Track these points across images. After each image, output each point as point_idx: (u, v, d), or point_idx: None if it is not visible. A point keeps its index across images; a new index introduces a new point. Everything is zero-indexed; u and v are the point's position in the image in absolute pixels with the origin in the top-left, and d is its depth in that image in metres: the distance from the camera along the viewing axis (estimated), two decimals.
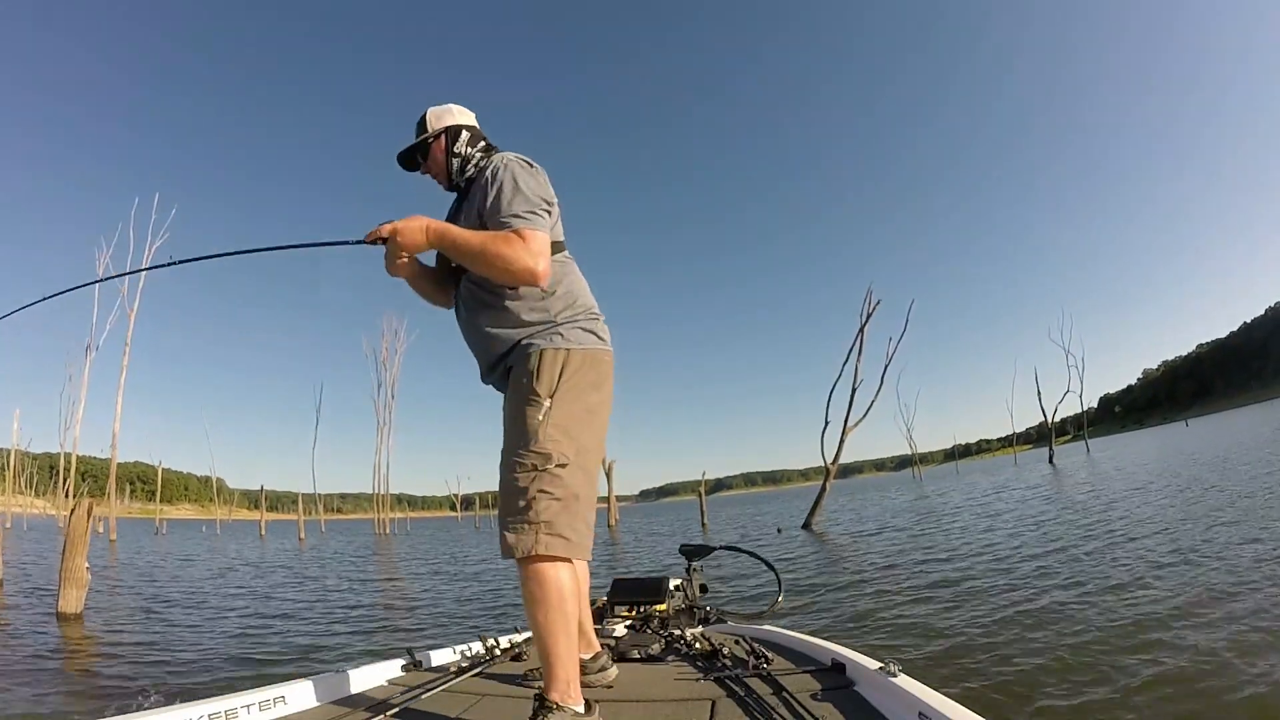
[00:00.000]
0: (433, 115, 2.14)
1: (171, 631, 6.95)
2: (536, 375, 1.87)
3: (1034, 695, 3.47)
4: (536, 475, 1.77)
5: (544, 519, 1.74)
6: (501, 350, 1.97)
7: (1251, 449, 22.12)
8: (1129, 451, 39.53)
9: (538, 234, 1.86)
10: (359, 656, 5.38)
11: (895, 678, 1.72)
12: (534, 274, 1.83)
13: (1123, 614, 4.76)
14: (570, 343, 1.93)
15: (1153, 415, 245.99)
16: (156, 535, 42.51)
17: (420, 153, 2.15)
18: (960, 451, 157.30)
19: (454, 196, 2.19)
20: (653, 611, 3.29)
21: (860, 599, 6.55)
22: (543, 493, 1.76)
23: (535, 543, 1.73)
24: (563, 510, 1.77)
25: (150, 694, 4.36)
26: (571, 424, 1.85)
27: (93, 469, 74.27)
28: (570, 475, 1.80)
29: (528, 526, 1.74)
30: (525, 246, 1.83)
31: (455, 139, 2.12)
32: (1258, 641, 3.86)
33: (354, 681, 2.31)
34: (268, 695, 2.02)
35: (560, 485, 1.78)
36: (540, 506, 1.75)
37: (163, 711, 1.79)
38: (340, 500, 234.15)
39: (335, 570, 14.84)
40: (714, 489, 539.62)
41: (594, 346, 1.98)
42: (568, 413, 1.86)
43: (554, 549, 1.74)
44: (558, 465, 1.79)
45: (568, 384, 1.88)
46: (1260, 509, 8.88)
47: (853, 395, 19.74)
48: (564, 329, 1.94)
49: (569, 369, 1.89)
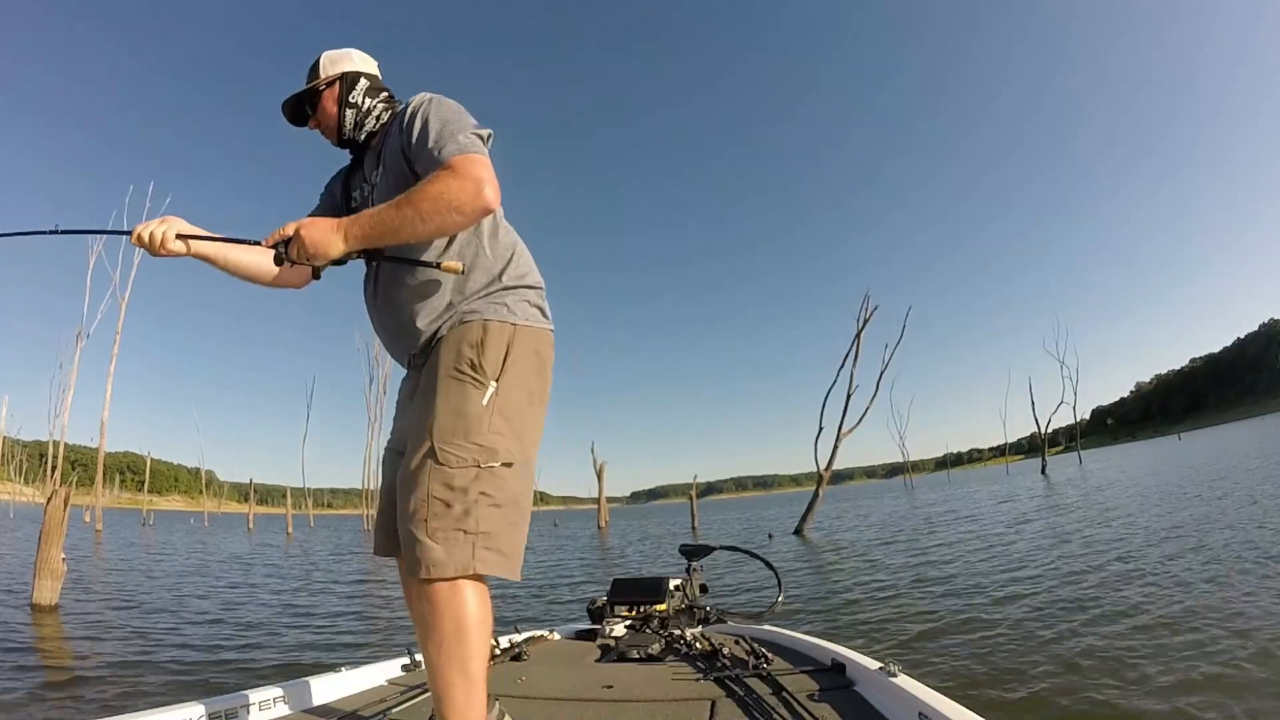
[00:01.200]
0: (327, 60, 1.78)
1: (143, 624, 6.87)
2: (481, 349, 1.53)
3: (1033, 695, 3.47)
4: (478, 474, 1.44)
5: (483, 529, 1.41)
6: (433, 323, 1.60)
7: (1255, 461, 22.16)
8: (1124, 464, 39.63)
9: (477, 156, 1.48)
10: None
11: (895, 678, 1.73)
12: (484, 200, 1.44)
13: (1126, 616, 4.76)
14: (518, 317, 1.60)
15: (1145, 428, 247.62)
16: (143, 526, 42.34)
17: (309, 102, 1.78)
18: (952, 460, 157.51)
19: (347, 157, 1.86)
20: (653, 611, 3.27)
21: (855, 605, 6.53)
22: (484, 496, 1.43)
23: (471, 558, 1.38)
24: (503, 519, 1.45)
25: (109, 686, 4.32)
26: (515, 415, 1.54)
27: (83, 458, 74.11)
28: (515, 477, 1.49)
29: (462, 537, 1.39)
30: (464, 172, 1.45)
31: (351, 87, 1.76)
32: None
33: (354, 681, 2.32)
34: (267, 695, 2.01)
35: (504, 489, 1.46)
36: (481, 513, 1.42)
37: (163, 711, 1.78)
38: (331, 495, 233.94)
39: (296, 571, 14.24)
40: (705, 492, 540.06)
41: (540, 325, 1.66)
42: (514, 401, 1.54)
43: (491, 566, 1.41)
44: (503, 464, 1.47)
45: (515, 366, 1.56)
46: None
47: (848, 401, 19.78)
48: (511, 299, 1.62)
49: (516, 348, 1.57)
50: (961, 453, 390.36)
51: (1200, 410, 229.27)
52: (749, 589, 8.06)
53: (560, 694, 2.09)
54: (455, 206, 1.43)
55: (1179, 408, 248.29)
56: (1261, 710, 3.04)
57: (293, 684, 2.12)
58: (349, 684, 2.29)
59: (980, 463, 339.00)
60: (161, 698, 4.12)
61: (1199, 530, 8.59)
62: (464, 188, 1.43)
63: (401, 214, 1.44)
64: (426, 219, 1.44)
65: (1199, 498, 12.75)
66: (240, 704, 1.91)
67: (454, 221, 1.46)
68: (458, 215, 1.44)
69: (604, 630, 3.11)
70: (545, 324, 1.68)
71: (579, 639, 3.18)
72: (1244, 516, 9.37)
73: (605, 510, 32.15)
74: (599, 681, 2.23)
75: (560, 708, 1.92)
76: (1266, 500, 10.96)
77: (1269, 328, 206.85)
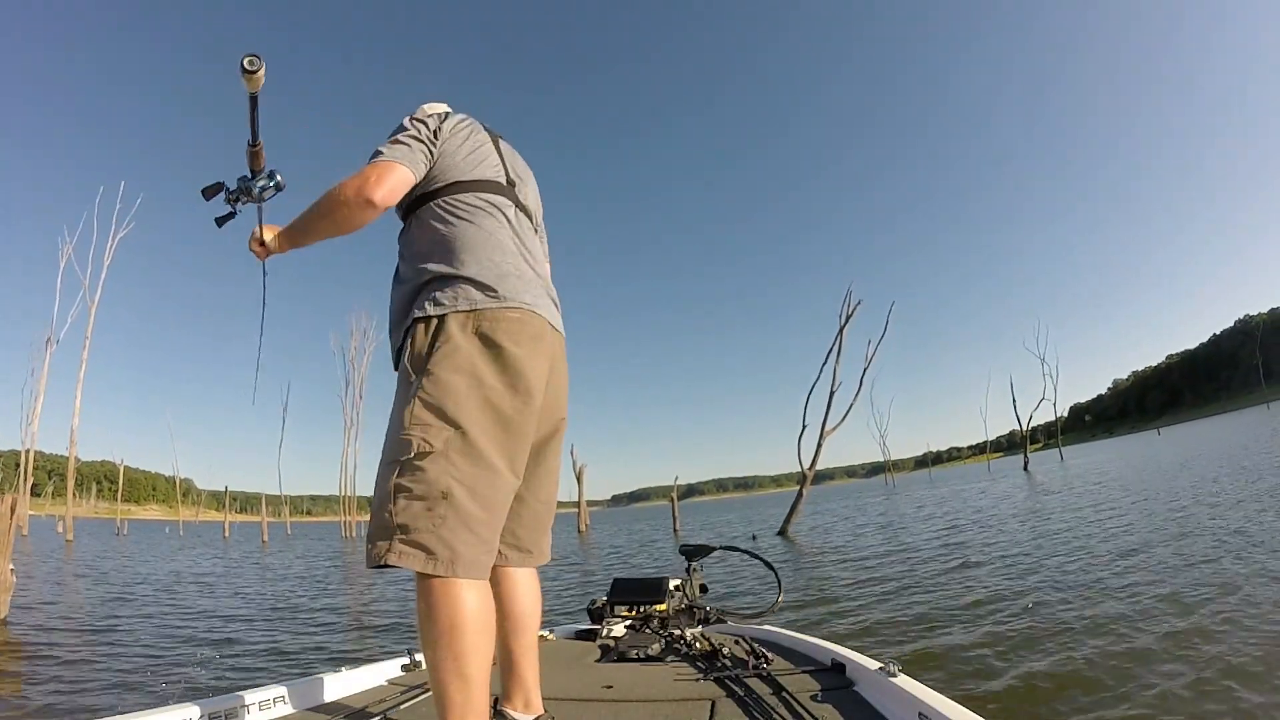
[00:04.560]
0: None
1: (91, 638, 6.65)
2: (409, 351, 1.54)
3: (1034, 695, 3.48)
4: (398, 468, 1.42)
5: (399, 521, 1.37)
6: (397, 326, 1.65)
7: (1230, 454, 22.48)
8: (1107, 459, 39.81)
9: (379, 163, 1.57)
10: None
11: (895, 678, 1.73)
12: (365, 193, 1.53)
13: (1128, 617, 4.74)
14: (445, 306, 1.53)
15: (1122, 424, 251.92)
16: (117, 536, 41.60)
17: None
18: (932, 459, 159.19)
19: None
20: (652, 611, 3.27)
21: (845, 605, 6.52)
22: (400, 489, 1.39)
23: (386, 552, 1.36)
24: (424, 512, 1.38)
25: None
26: (448, 400, 1.45)
27: (60, 467, 73.07)
28: (435, 466, 1.40)
29: (384, 532, 1.37)
30: (363, 171, 1.57)
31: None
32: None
33: (354, 682, 2.33)
34: (267, 695, 2.01)
35: (421, 480, 1.39)
36: (396, 507, 1.38)
37: (162, 711, 1.78)
38: (311, 502, 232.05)
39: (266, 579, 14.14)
40: (686, 494, 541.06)
41: (483, 305, 1.54)
42: (442, 387, 1.46)
43: (407, 560, 1.35)
44: (418, 455, 1.41)
45: (445, 353, 1.49)
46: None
47: (831, 397, 19.70)
48: (440, 291, 1.55)
49: (444, 334, 1.51)
50: (941, 451, 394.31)
51: (1177, 406, 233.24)
52: (749, 589, 8.05)
53: (560, 694, 2.07)
54: (342, 200, 1.56)
55: (1156, 404, 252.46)
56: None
57: (293, 684, 2.12)
58: (349, 684, 2.30)
59: (960, 460, 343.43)
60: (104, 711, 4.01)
61: (1211, 523, 8.52)
62: (352, 183, 1.55)
63: (308, 210, 1.65)
64: (324, 213, 1.62)
65: (1197, 490, 12.76)
66: (240, 704, 1.91)
67: (343, 214, 1.59)
68: (343, 208, 1.57)
69: (604, 630, 3.11)
70: (491, 302, 1.55)
71: (579, 639, 3.18)
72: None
73: (585, 514, 32.02)
74: (599, 681, 2.23)
75: (560, 708, 1.90)
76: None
77: (1244, 324, 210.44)
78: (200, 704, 1.85)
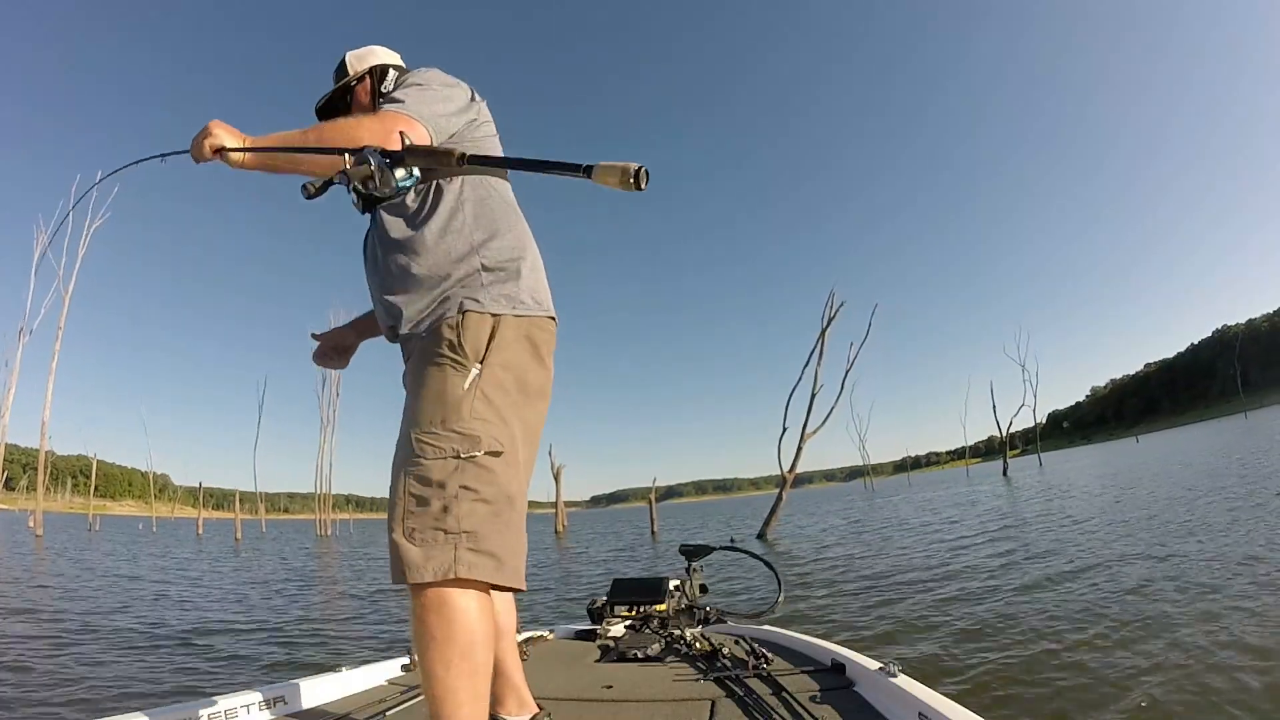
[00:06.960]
0: (353, 57, 1.78)
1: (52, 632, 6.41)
2: (461, 332, 1.39)
3: (1034, 694, 3.50)
4: (459, 466, 1.28)
5: (466, 528, 1.25)
6: (413, 303, 1.46)
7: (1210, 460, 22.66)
8: (1085, 464, 40.34)
9: (399, 113, 1.41)
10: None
11: (895, 678, 1.74)
12: (379, 138, 1.33)
13: (1128, 617, 4.78)
14: (502, 304, 1.45)
15: (1100, 432, 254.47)
16: (89, 532, 40.91)
17: (343, 100, 1.78)
18: (911, 464, 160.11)
19: None
20: (652, 612, 3.27)
21: (828, 606, 6.55)
22: (466, 490, 1.27)
23: (454, 562, 1.23)
24: (493, 518, 1.28)
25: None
26: (506, 402, 1.38)
27: (33, 460, 71.79)
28: (505, 470, 1.32)
29: (443, 537, 1.24)
30: (380, 115, 1.41)
31: (382, 79, 1.75)
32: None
33: (354, 681, 2.33)
34: (268, 695, 2.02)
35: (491, 483, 1.29)
36: (462, 510, 1.25)
37: (162, 712, 1.78)
38: (289, 499, 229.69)
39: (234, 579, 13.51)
40: (665, 496, 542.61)
41: (532, 312, 1.50)
42: (502, 386, 1.39)
43: (478, 571, 1.24)
44: (489, 453, 1.30)
45: (501, 351, 1.41)
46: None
47: (812, 400, 19.82)
48: (501, 285, 1.46)
49: (501, 333, 1.42)
50: (920, 456, 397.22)
51: (1155, 415, 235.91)
52: (748, 589, 8.05)
53: (560, 694, 2.08)
54: (353, 138, 1.32)
55: (1134, 412, 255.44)
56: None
57: (293, 684, 2.12)
58: (349, 684, 2.30)
59: (939, 465, 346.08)
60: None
61: (1201, 527, 8.53)
62: (369, 126, 1.36)
63: (305, 136, 1.39)
64: (324, 142, 1.35)
65: (1186, 495, 12.82)
66: (240, 704, 1.91)
67: (321, 166, 1.35)
68: (349, 144, 1.30)
69: (603, 630, 3.11)
70: (538, 310, 1.51)
71: (578, 639, 3.18)
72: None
73: (563, 514, 31.97)
74: (599, 682, 2.23)
75: (560, 708, 1.90)
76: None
77: (1222, 334, 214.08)
78: (201, 703, 1.84)
